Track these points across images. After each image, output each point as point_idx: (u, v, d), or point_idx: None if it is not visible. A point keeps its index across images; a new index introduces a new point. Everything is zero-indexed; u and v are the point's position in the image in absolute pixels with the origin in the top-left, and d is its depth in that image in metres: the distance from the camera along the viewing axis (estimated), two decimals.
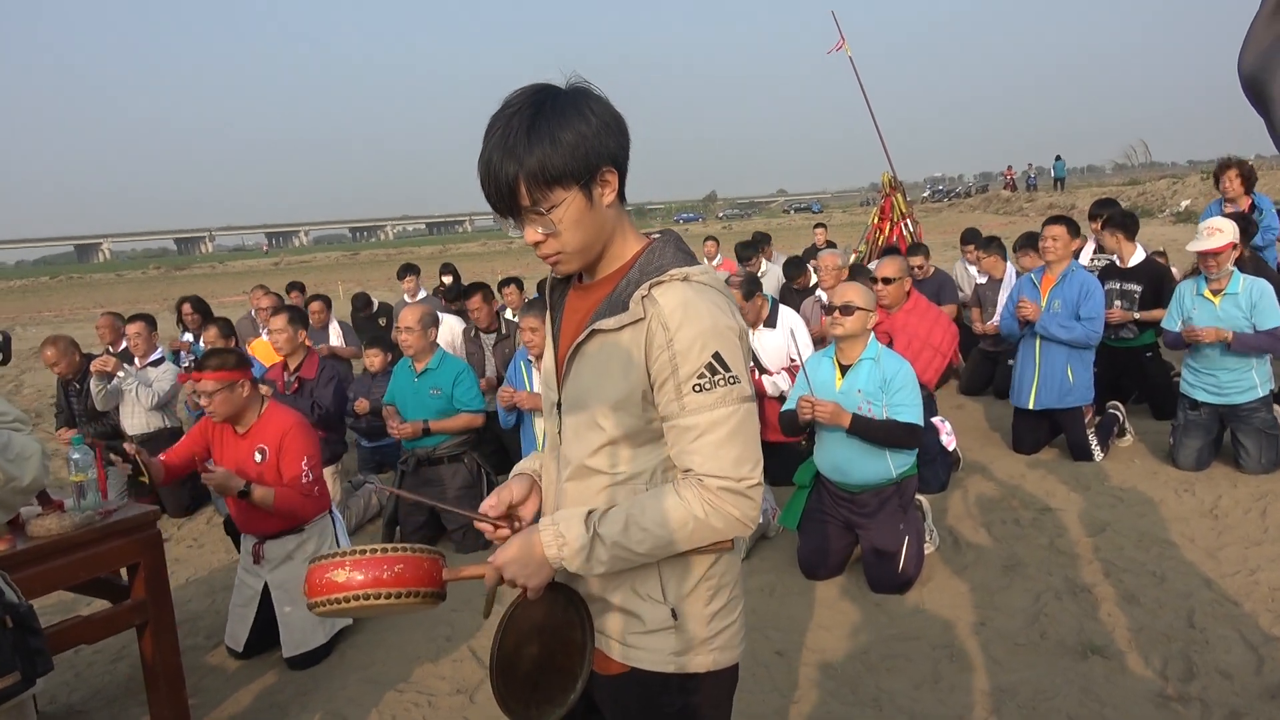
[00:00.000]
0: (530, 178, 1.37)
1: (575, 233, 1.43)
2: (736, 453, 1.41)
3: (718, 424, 1.40)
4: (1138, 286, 5.81)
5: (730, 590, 1.58)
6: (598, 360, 1.47)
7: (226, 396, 3.59)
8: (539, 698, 1.54)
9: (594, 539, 1.41)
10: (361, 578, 1.41)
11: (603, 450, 1.49)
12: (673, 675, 1.52)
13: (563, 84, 1.43)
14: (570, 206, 1.41)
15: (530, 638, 1.53)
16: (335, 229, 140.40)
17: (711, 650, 1.54)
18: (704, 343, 1.39)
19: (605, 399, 1.46)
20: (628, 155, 1.47)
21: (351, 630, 3.89)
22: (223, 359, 3.62)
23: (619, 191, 1.47)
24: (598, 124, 1.40)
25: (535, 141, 1.36)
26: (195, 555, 5.19)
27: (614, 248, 1.51)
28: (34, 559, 2.72)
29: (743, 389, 1.42)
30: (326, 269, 42.66)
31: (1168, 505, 4.56)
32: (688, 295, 1.40)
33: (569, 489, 1.55)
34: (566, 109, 1.39)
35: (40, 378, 11.77)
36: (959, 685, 3.13)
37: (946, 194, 58.14)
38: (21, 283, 52.79)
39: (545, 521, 1.46)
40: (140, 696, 3.29)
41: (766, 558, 4.36)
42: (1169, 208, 26.39)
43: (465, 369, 5.03)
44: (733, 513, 1.41)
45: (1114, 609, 3.56)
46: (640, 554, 1.43)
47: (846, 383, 3.94)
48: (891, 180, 10.19)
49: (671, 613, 1.50)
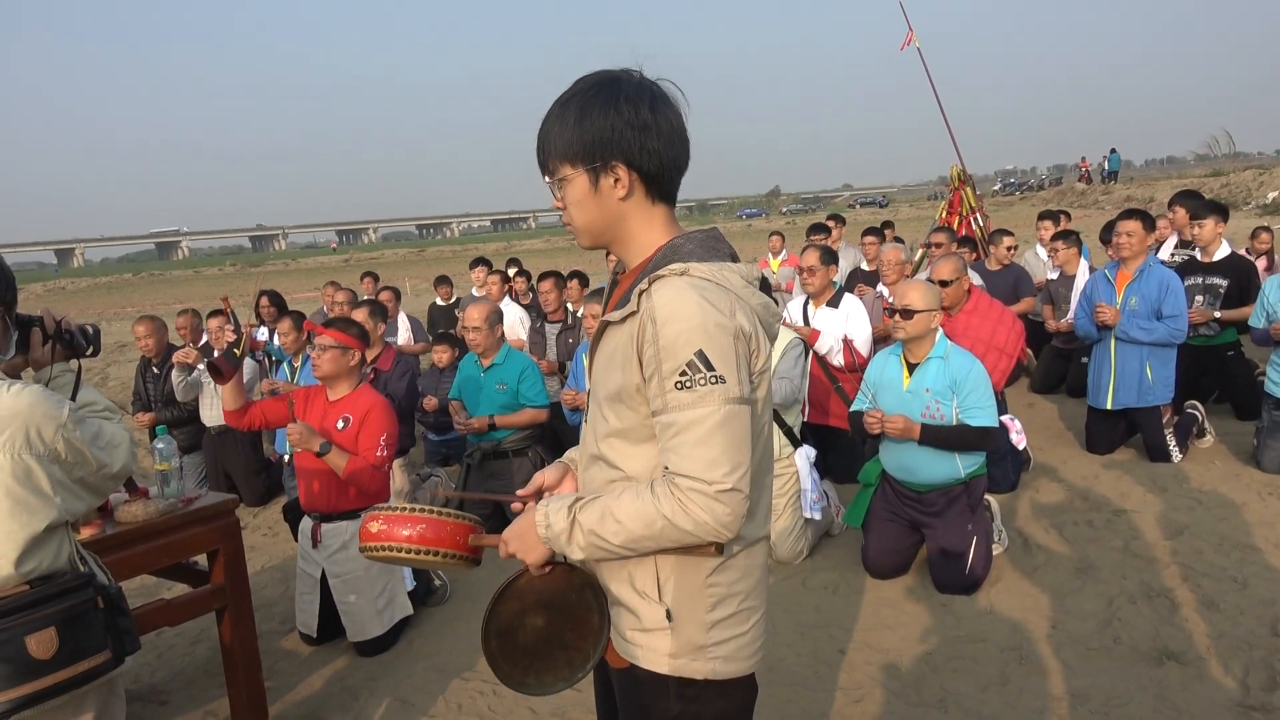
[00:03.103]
0: (548, 147, 1.49)
1: (578, 210, 1.51)
2: (713, 454, 1.36)
3: (696, 423, 1.36)
4: (1223, 281, 5.59)
5: (742, 600, 1.53)
6: (606, 352, 1.51)
7: (336, 356, 3.79)
8: (539, 666, 1.58)
9: (573, 524, 1.44)
10: (392, 531, 1.55)
11: (607, 441, 1.52)
12: (670, 678, 1.51)
13: (643, 76, 1.49)
14: (573, 185, 1.49)
15: (535, 610, 1.57)
16: (403, 226, 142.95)
17: (711, 659, 1.51)
18: (688, 339, 1.36)
19: (608, 390, 1.49)
20: (654, 160, 1.46)
21: (420, 619, 3.98)
22: (347, 325, 3.92)
23: (645, 190, 1.49)
24: (623, 123, 1.43)
25: (562, 116, 1.46)
26: (270, 543, 5.35)
27: (638, 242, 1.52)
28: (121, 544, 2.85)
29: (728, 389, 1.37)
30: (395, 265, 43.49)
31: (1250, 509, 4.39)
32: (680, 290, 1.38)
33: (583, 478, 1.61)
34: (602, 98, 1.44)
35: (125, 370, 12.23)
36: (1028, 689, 3.07)
37: (1018, 187, 56.65)
38: (107, 280, 54.90)
39: (541, 503, 1.51)
40: (219, 678, 3.41)
41: (830, 555, 4.33)
42: (1255, 199, 25.34)
43: (530, 365, 5.10)
44: (702, 516, 1.36)
45: (1192, 614, 3.44)
46: (615, 545, 1.42)
47: (914, 381, 3.88)
48: (960, 173, 9.96)
49: (666, 613, 1.49)
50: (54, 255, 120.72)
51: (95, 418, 2.12)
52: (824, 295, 5.34)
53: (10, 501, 1.90)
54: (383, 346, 5.66)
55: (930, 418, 3.79)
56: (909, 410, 3.83)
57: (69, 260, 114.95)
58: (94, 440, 2.04)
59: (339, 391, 3.84)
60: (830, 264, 5.39)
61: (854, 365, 5.16)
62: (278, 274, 46.13)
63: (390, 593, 3.81)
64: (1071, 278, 6.84)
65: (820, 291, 5.33)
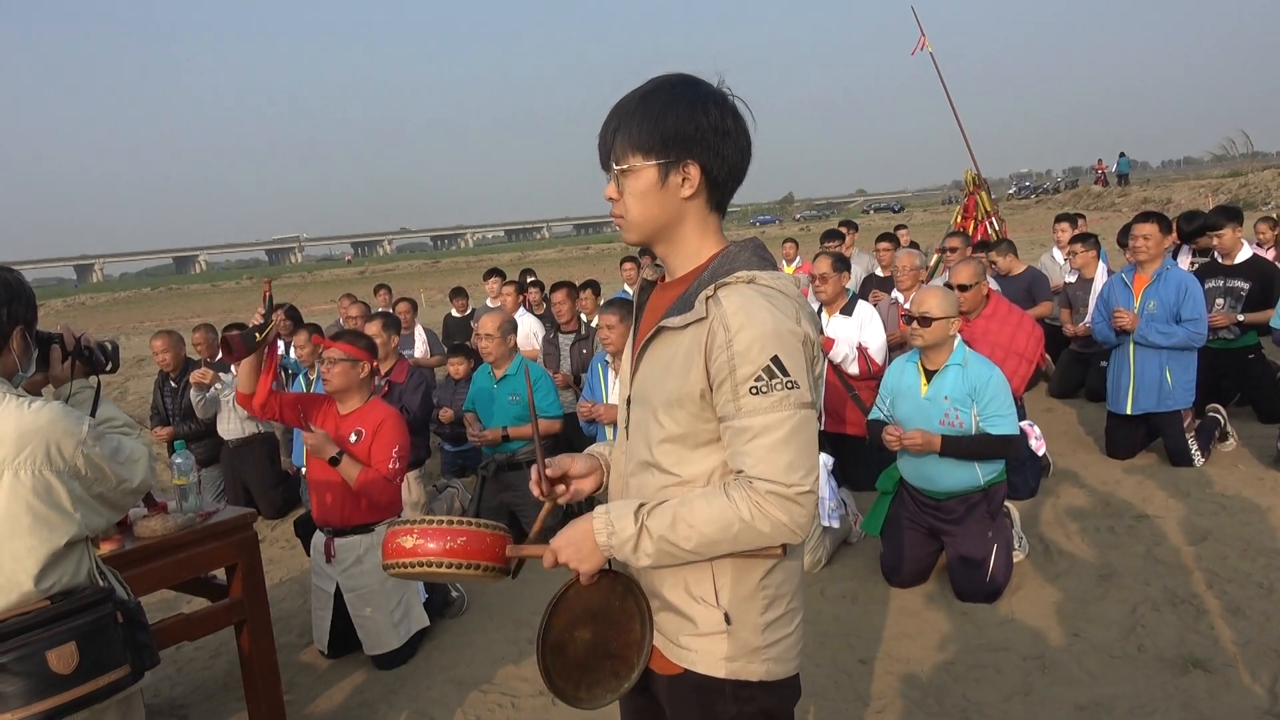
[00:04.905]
0: (622, 137, 1.48)
1: (637, 203, 1.50)
2: (789, 458, 1.40)
3: (772, 427, 1.40)
4: (1244, 284, 5.53)
5: (788, 602, 1.57)
6: (662, 357, 1.51)
7: (346, 369, 3.77)
8: (589, 679, 1.58)
9: (641, 530, 1.45)
10: (427, 545, 1.51)
11: (661, 447, 1.52)
12: (726, 681, 1.52)
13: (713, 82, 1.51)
14: (641, 176, 1.48)
15: (584, 621, 1.57)
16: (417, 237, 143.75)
17: (766, 660, 1.53)
18: (763, 345, 1.39)
19: (666, 396, 1.49)
20: (725, 167, 1.50)
21: (436, 632, 3.97)
22: (355, 338, 3.90)
23: (708, 196, 1.52)
24: (706, 125, 1.46)
25: (643, 111, 1.47)
26: (288, 556, 5.37)
27: (690, 246, 1.54)
28: (140, 558, 2.86)
29: (801, 395, 1.41)
30: (410, 277, 43.75)
31: (1275, 513, 4.33)
32: (751, 297, 1.42)
33: (631, 485, 1.60)
34: (688, 96, 1.47)
35: (144, 385, 12.33)
36: (1050, 698, 3.03)
37: (1034, 190, 56.35)
38: (125, 294, 55.48)
39: (600, 510, 1.50)
40: (238, 692, 3.41)
41: (848, 564, 4.30)
42: (1274, 199, 25.12)
43: (544, 375, 5.10)
44: (780, 518, 1.40)
45: (1217, 621, 3.40)
46: (686, 550, 1.44)
47: (932, 389, 3.84)
48: (975, 177, 9.91)
49: (725, 617, 1.51)
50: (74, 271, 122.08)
51: (115, 433, 2.14)
52: (837, 303, 5.32)
53: (31, 517, 1.91)
54: (396, 359, 5.66)
55: (949, 425, 3.75)
56: (927, 417, 3.80)
57: (88, 276, 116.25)
58: (113, 456, 2.05)
59: (350, 405, 3.83)
60: (843, 271, 5.38)
61: (869, 373, 5.13)
62: (294, 286, 46.45)
63: (406, 605, 3.80)
64: (1090, 281, 6.79)
65: (833, 299, 5.31)
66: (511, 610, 4.12)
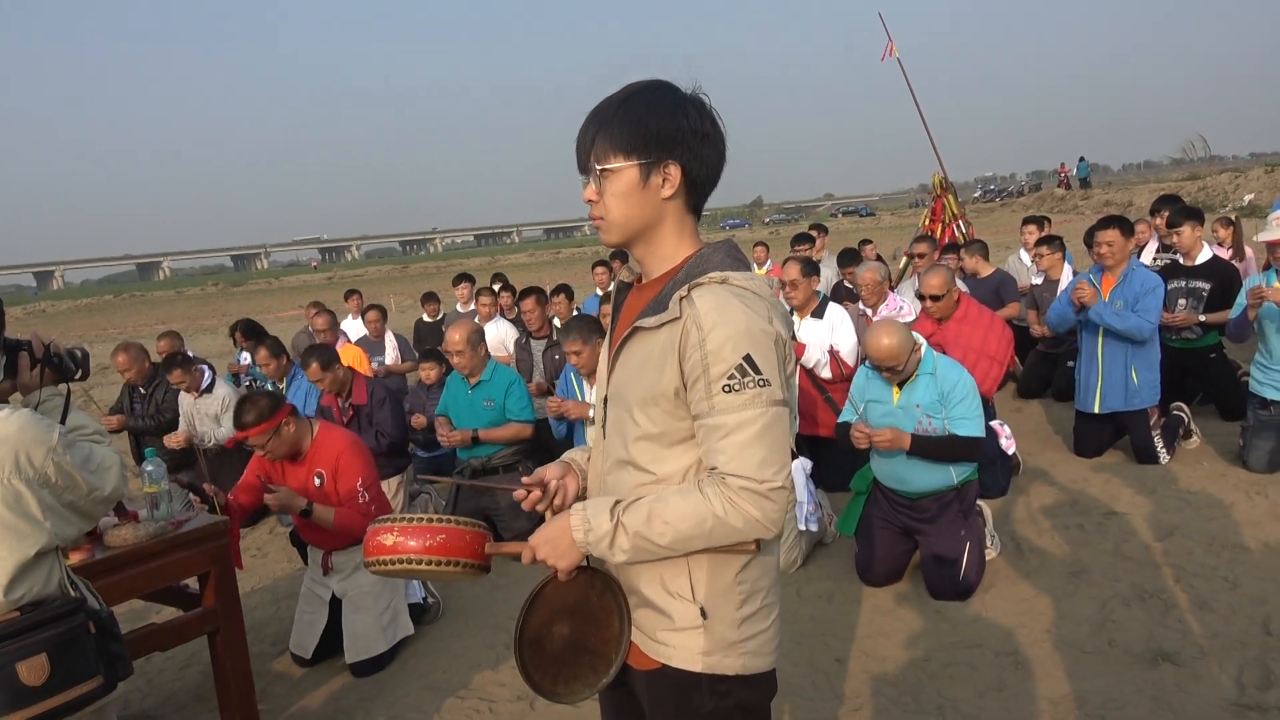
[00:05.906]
0: (604, 138, 1.50)
1: (618, 203, 1.52)
2: (762, 454, 1.43)
3: (745, 425, 1.42)
4: (1205, 284, 5.65)
5: (764, 597, 1.59)
6: (638, 356, 1.53)
7: (277, 441, 3.67)
8: (566, 674, 1.60)
9: (617, 526, 1.47)
10: (408, 543, 1.52)
11: (637, 445, 1.55)
12: (703, 675, 1.54)
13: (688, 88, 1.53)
14: (622, 175, 1.50)
15: (562, 616, 1.59)
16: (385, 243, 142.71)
17: (742, 654, 1.55)
18: (736, 344, 1.42)
19: (641, 394, 1.51)
20: (704, 169, 1.53)
21: (413, 638, 3.94)
22: (258, 409, 3.61)
23: (686, 197, 1.54)
24: (687, 127, 1.49)
25: (624, 112, 1.49)
26: (259, 564, 5.30)
27: (668, 248, 1.56)
28: (111, 568, 2.82)
29: (773, 392, 1.44)
30: (379, 282, 43.39)
31: (1239, 508, 4.42)
32: (724, 297, 1.44)
33: (608, 482, 1.62)
34: (669, 100, 1.49)
35: (109, 393, 12.13)
36: (1024, 694, 3.07)
37: (999, 194, 57.18)
38: (87, 301, 54.52)
39: (577, 507, 1.52)
40: (210, 702, 3.37)
41: (824, 564, 4.33)
42: (1231, 202, 25.65)
43: (517, 379, 5.08)
44: (753, 513, 1.43)
45: (1185, 615, 3.46)
46: (661, 546, 1.46)
47: (904, 398, 3.86)
48: (942, 181, 10.04)
49: (700, 611, 1.53)
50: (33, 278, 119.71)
51: (85, 441, 2.11)
52: (808, 307, 5.35)
53: (0, 527, 1.88)
54: (349, 379, 5.30)
55: (924, 432, 3.79)
56: (900, 426, 3.81)
57: (48, 282, 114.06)
58: (84, 464, 2.02)
59: (302, 451, 3.76)
60: (812, 275, 5.41)
61: (841, 376, 5.17)
62: (261, 293, 45.93)
63: (394, 610, 3.81)
64: (1055, 283, 6.89)
65: (804, 304, 5.34)
66: (488, 616, 4.10)
